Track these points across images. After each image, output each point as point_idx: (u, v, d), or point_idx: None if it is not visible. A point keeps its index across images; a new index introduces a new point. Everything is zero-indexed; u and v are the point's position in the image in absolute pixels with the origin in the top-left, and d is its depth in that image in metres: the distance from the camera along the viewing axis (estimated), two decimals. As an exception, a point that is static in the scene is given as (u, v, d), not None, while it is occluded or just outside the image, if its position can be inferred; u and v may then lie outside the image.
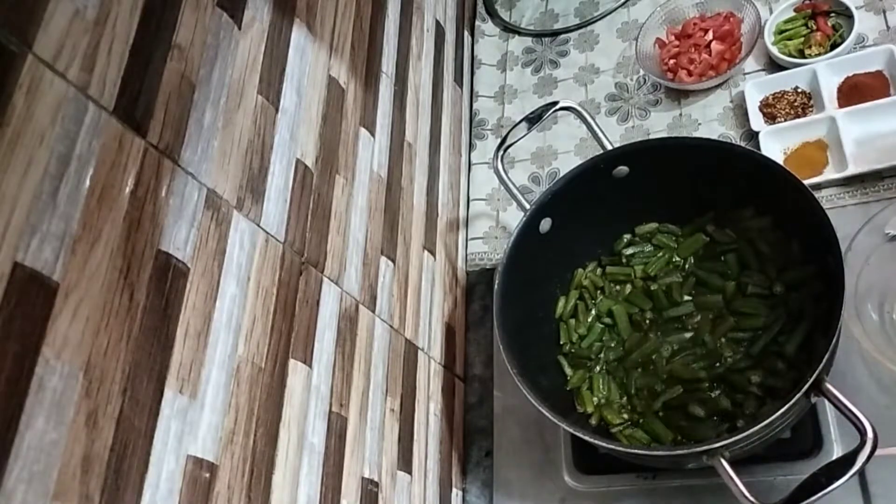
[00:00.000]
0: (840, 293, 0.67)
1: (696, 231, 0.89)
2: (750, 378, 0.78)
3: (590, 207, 0.87)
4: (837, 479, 0.60)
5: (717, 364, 0.81)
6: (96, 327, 0.47)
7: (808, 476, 0.62)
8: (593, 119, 0.89)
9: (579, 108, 0.90)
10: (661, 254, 0.90)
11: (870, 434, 0.61)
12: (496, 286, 0.82)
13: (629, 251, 0.92)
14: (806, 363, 0.69)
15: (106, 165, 0.49)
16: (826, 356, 0.64)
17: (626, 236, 0.93)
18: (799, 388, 0.64)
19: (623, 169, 0.86)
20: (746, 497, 0.64)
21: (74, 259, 0.46)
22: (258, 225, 0.64)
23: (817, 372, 0.64)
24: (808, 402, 0.67)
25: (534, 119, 0.91)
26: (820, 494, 0.60)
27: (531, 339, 0.86)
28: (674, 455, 0.73)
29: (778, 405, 0.65)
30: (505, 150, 0.91)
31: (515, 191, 0.90)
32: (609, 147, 0.87)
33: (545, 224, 0.87)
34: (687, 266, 0.88)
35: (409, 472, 0.83)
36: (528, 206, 0.86)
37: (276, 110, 0.68)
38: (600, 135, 0.88)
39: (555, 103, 0.91)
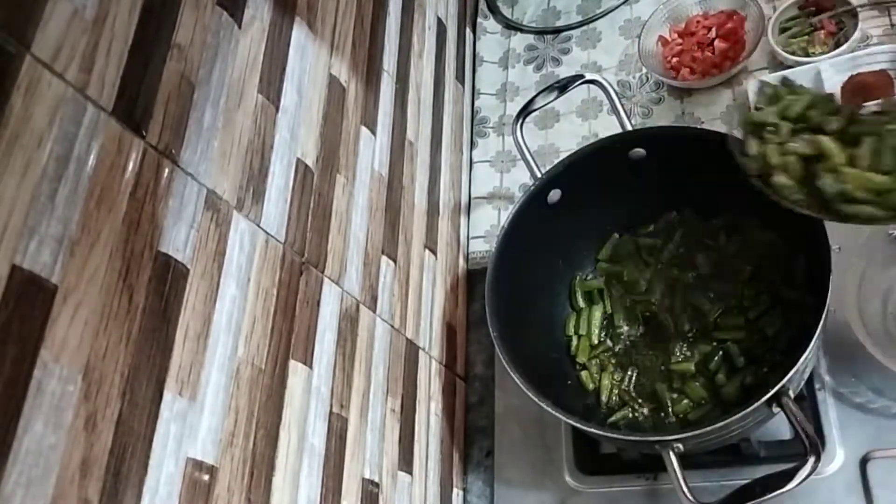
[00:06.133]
0: (818, 317, 0.67)
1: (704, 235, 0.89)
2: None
3: (602, 185, 0.87)
4: (771, 491, 0.62)
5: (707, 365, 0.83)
6: (95, 330, 0.46)
7: (747, 482, 0.64)
8: (617, 96, 0.88)
9: (604, 83, 0.89)
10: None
11: (812, 458, 0.62)
12: (496, 245, 0.83)
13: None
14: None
15: (105, 166, 0.48)
16: (791, 373, 0.65)
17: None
18: (758, 397, 0.65)
19: (640, 151, 0.85)
20: (684, 492, 0.66)
21: (73, 261, 0.45)
22: (258, 225, 0.63)
23: (780, 385, 0.65)
24: (771, 411, 0.68)
25: (560, 88, 0.90)
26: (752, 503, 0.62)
27: (522, 306, 0.86)
28: (627, 440, 0.76)
29: (737, 410, 0.66)
30: (526, 116, 0.90)
31: (530, 157, 0.89)
32: (629, 128, 0.86)
33: (554, 195, 0.87)
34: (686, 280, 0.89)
35: (410, 473, 0.82)
36: (539, 175, 0.86)
37: (277, 110, 0.68)
38: (622, 113, 0.87)
39: (581, 76, 0.90)
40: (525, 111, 0.91)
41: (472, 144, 1.16)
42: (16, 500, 0.40)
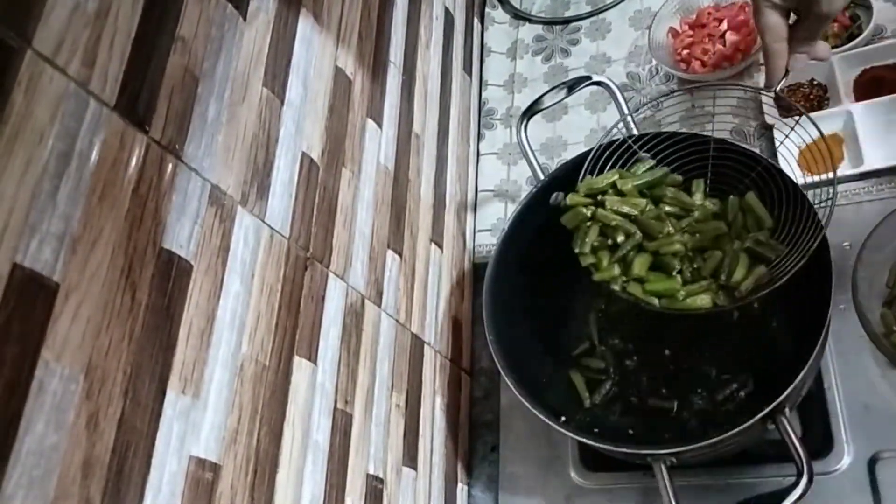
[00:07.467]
0: (819, 335, 0.67)
1: None
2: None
3: None
4: None
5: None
6: (97, 328, 0.46)
7: (739, 501, 0.65)
8: (624, 99, 0.87)
9: (611, 85, 0.88)
10: None
11: (804, 479, 0.62)
12: (495, 250, 0.83)
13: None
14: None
15: (107, 163, 0.48)
16: (787, 392, 0.64)
17: None
18: (754, 415, 0.65)
19: (644, 156, 0.84)
20: None
21: (75, 259, 0.45)
22: (263, 220, 0.63)
23: (774, 404, 0.65)
24: (765, 427, 0.67)
25: (568, 88, 0.90)
26: None
27: (518, 309, 0.86)
28: (618, 451, 0.74)
29: (728, 427, 0.66)
30: (532, 116, 0.89)
31: (533, 159, 0.89)
32: (635, 132, 0.85)
33: (557, 197, 0.86)
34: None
35: (415, 468, 0.82)
36: (542, 178, 0.86)
37: (282, 103, 0.67)
38: (629, 118, 0.86)
39: (588, 77, 0.90)
40: (531, 111, 0.90)
41: (480, 136, 1.15)
42: (17, 501, 0.40)
